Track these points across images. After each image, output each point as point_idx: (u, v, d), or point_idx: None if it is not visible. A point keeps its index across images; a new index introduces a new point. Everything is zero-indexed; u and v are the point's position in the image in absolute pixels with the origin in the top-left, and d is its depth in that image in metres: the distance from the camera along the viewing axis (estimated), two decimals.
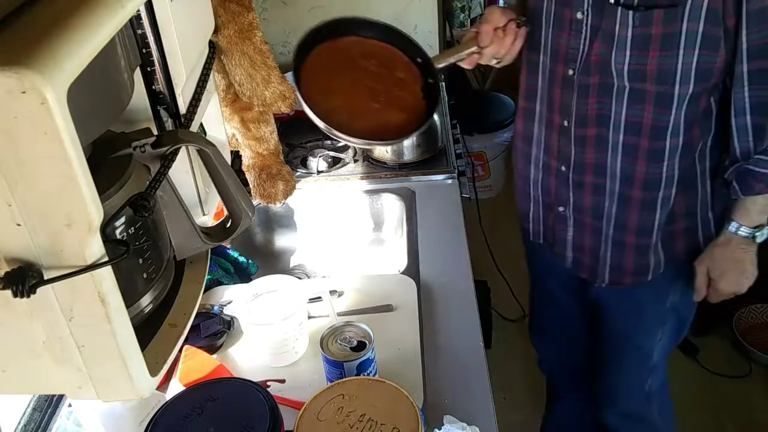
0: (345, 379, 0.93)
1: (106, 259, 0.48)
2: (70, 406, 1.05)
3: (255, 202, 1.50)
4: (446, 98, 1.96)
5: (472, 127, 2.92)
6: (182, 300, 0.68)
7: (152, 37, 0.68)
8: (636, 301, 1.31)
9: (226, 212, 0.73)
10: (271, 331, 1.10)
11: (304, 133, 1.76)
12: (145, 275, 0.61)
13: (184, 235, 0.67)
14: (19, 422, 0.99)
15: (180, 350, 1.06)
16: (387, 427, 0.84)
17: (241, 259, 1.39)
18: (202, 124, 0.96)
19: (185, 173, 0.79)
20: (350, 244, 1.61)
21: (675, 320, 1.35)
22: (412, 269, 1.32)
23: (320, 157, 1.67)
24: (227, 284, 1.33)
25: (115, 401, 0.94)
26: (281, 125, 1.49)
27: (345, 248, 1.60)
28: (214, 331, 1.17)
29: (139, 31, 0.67)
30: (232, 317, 1.21)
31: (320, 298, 1.22)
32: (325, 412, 0.87)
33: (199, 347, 1.13)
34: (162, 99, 0.72)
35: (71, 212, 0.46)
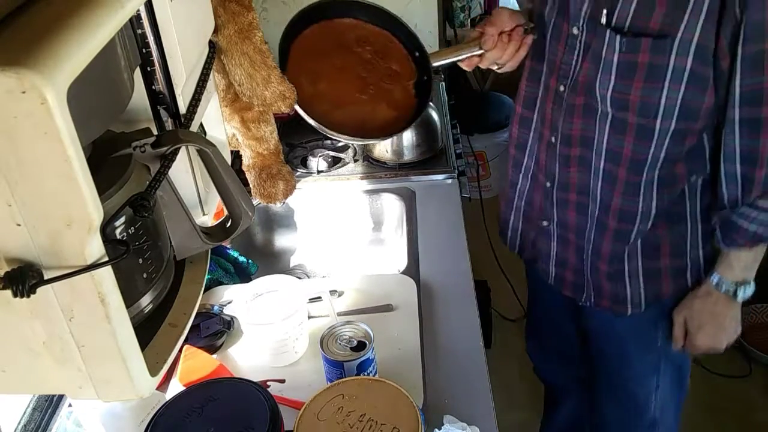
0: (345, 379, 0.93)
1: (106, 259, 0.48)
2: (70, 406, 1.05)
3: (255, 201, 1.50)
4: (446, 98, 1.96)
5: (472, 127, 2.92)
6: (182, 300, 0.68)
7: (152, 37, 0.68)
8: (621, 336, 1.27)
9: (226, 212, 0.73)
10: (271, 331, 1.10)
11: (304, 133, 1.76)
12: (145, 275, 0.61)
13: (184, 235, 0.67)
14: (19, 422, 0.99)
15: (180, 350, 1.06)
16: (387, 427, 0.84)
17: (241, 259, 1.39)
18: (202, 124, 0.96)
19: (185, 173, 0.79)
20: (350, 244, 1.61)
21: (671, 368, 1.28)
22: (412, 269, 1.32)
23: (320, 156, 1.67)
24: (227, 284, 1.33)
25: (115, 401, 0.94)
26: (281, 125, 1.48)
27: (345, 248, 1.60)
28: (214, 331, 1.17)
29: (139, 31, 0.67)
30: (232, 317, 1.21)
31: (320, 298, 1.22)
32: (325, 412, 0.87)
33: (199, 347, 1.13)
34: (162, 99, 0.72)
35: (71, 212, 0.46)
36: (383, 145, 1.64)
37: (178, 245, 0.68)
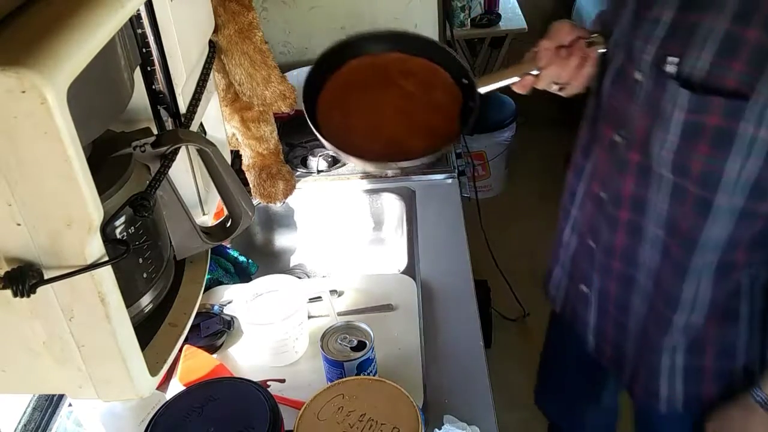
0: (345, 379, 0.93)
1: (106, 258, 0.48)
2: (70, 405, 1.05)
3: (255, 201, 1.50)
4: None
5: (473, 127, 2.92)
6: (182, 300, 0.68)
7: (152, 37, 0.68)
8: (652, 425, 1.13)
9: (226, 212, 0.73)
10: (271, 330, 1.10)
11: (304, 133, 1.75)
12: (145, 275, 0.61)
13: (184, 235, 0.67)
14: (20, 422, 0.99)
15: (180, 350, 1.06)
16: (387, 427, 0.84)
17: (241, 258, 1.39)
18: (202, 124, 0.96)
19: (185, 173, 0.79)
20: (350, 243, 1.61)
21: None
22: (412, 269, 1.32)
23: (320, 156, 1.67)
24: (227, 284, 1.33)
25: (115, 401, 0.94)
26: (281, 125, 1.49)
27: (345, 248, 1.60)
28: (214, 330, 1.17)
29: (139, 31, 0.67)
30: (232, 317, 1.21)
31: (320, 297, 1.22)
32: (325, 411, 0.87)
33: (199, 347, 1.13)
34: (162, 99, 0.72)
35: (71, 212, 0.46)
36: None
37: (178, 245, 0.68)
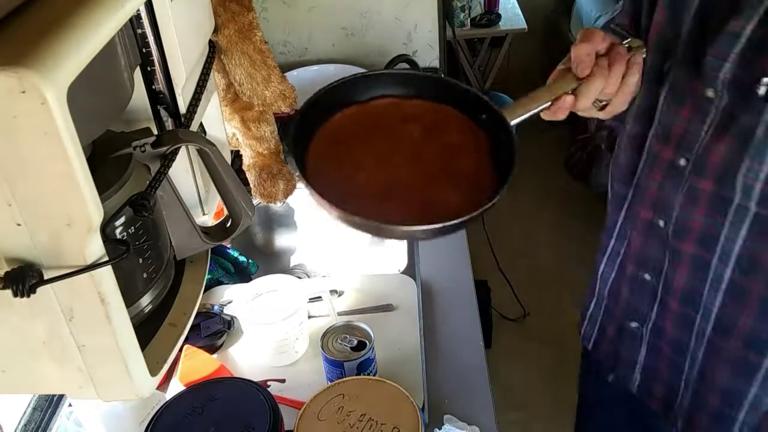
0: (345, 379, 0.93)
1: (106, 258, 0.48)
2: (70, 405, 1.05)
3: (255, 201, 1.49)
4: None
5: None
6: (182, 300, 0.68)
7: (152, 37, 0.68)
8: None
9: (226, 212, 0.73)
10: (271, 330, 1.10)
11: None
12: (145, 275, 0.61)
13: (184, 235, 0.67)
14: (20, 422, 0.99)
15: (180, 350, 1.06)
16: (387, 427, 0.84)
17: (242, 258, 1.39)
18: (202, 124, 0.96)
19: (185, 173, 0.78)
20: (350, 243, 1.61)
21: None
22: (412, 269, 1.32)
23: None
24: (227, 284, 1.33)
25: (115, 401, 0.94)
26: (281, 125, 1.48)
27: (345, 248, 1.60)
28: (214, 330, 1.17)
29: (139, 31, 0.67)
30: (232, 317, 1.21)
31: (320, 297, 1.22)
32: (325, 411, 0.87)
33: (199, 347, 1.13)
34: (162, 99, 0.72)
35: (71, 212, 0.45)
36: None
37: (178, 245, 0.68)
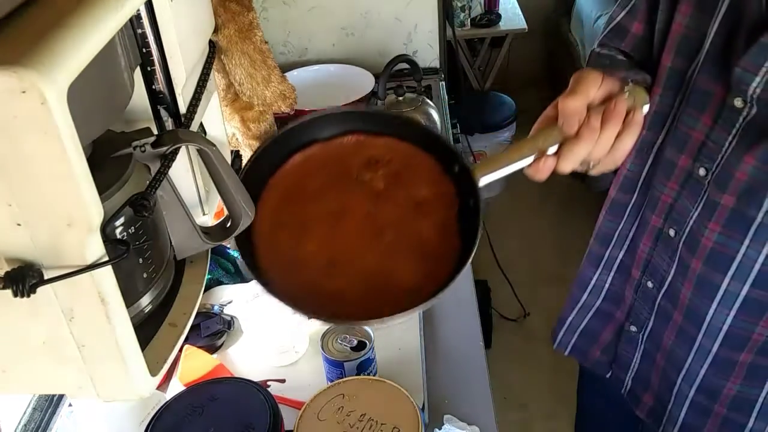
0: (345, 379, 0.93)
1: (106, 258, 0.48)
2: (70, 406, 1.05)
3: None
4: (446, 98, 1.96)
5: (473, 126, 2.92)
6: (182, 300, 0.68)
7: (152, 37, 0.68)
8: None
9: (226, 212, 0.73)
10: (271, 330, 1.10)
11: None
12: (145, 275, 0.61)
13: (184, 235, 0.67)
14: (20, 422, 0.99)
15: (180, 350, 1.06)
16: (387, 427, 0.84)
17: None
18: (202, 124, 0.96)
19: (185, 173, 0.78)
20: None
21: None
22: None
23: None
24: (227, 284, 1.33)
25: (115, 401, 0.94)
26: (281, 125, 1.49)
27: None
28: (214, 330, 1.17)
29: (139, 31, 0.66)
30: (232, 317, 1.21)
31: None
32: (325, 411, 0.87)
33: (199, 347, 1.13)
34: (162, 99, 0.72)
35: (71, 212, 0.45)
36: None
37: (178, 245, 0.68)
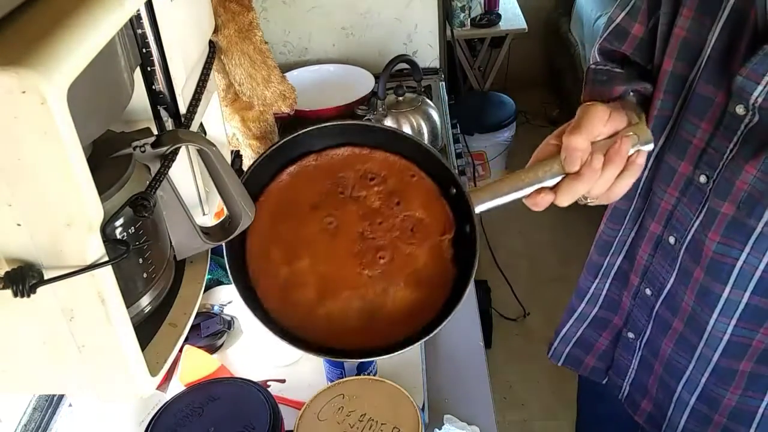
0: (345, 379, 0.93)
1: (106, 259, 0.48)
2: (70, 406, 1.05)
3: None
4: (446, 98, 1.96)
5: (473, 126, 2.92)
6: (182, 300, 0.68)
7: (152, 37, 0.68)
8: None
9: (226, 212, 0.73)
10: None
11: None
12: (145, 275, 0.61)
13: (184, 235, 0.67)
14: (20, 422, 0.99)
15: (180, 350, 1.06)
16: (387, 427, 0.84)
17: None
18: (202, 124, 0.96)
19: (185, 173, 0.78)
20: None
21: None
22: None
23: None
24: (227, 284, 1.33)
25: (115, 401, 0.94)
26: (281, 125, 1.49)
27: None
28: (214, 331, 1.17)
29: (139, 31, 0.67)
30: (233, 317, 1.21)
31: None
32: (325, 411, 0.87)
33: (200, 347, 1.13)
34: (162, 99, 0.72)
35: (71, 212, 0.45)
36: None
37: (178, 245, 0.68)
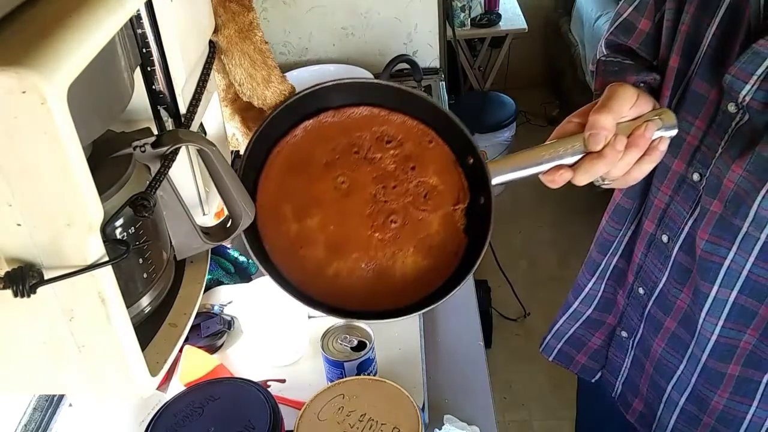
0: (345, 379, 0.93)
1: (106, 259, 0.48)
2: (70, 405, 1.05)
3: None
4: (446, 98, 1.96)
5: (472, 126, 2.93)
6: (182, 300, 0.68)
7: (152, 37, 0.68)
8: None
9: (226, 212, 0.73)
10: (272, 330, 1.10)
11: None
12: (145, 275, 0.61)
13: (184, 235, 0.67)
14: (20, 422, 0.99)
15: (180, 350, 1.06)
16: (387, 427, 0.84)
17: (242, 258, 1.39)
18: (202, 124, 0.96)
19: (185, 173, 0.78)
20: None
21: None
22: None
23: None
24: (227, 284, 1.33)
25: (115, 401, 0.94)
26: None
27: None
28: (214, 331, 1.17)
29: (139, 31, 0.67)
30: (233, 317, 1.21)
31: None
32: (325, 411, 0.87)
33: (199, 347, 1.13)
34: (162, 99, 0.72)
35: (71, 212, 0.45)
36: None
37: (178, 245, 0.68)
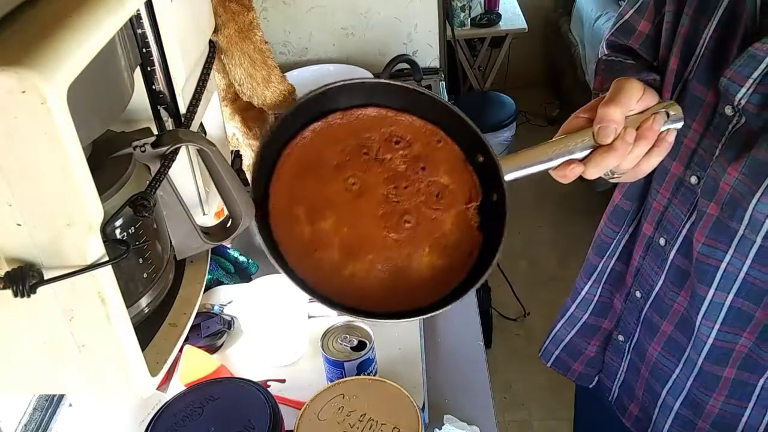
0: (345, 379, 0.93)
1: (106, 259, 0.48)
2: (70, 405, 1.05)
3: None
4: (446, 98, 1.96)
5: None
6: (182, 300, 0.68)
7: (152, 37, 0.68)
8: None
9: (226, 212, 0.73)
10: (272, 330, 1.10)
11: None
12: (145, 275, 0.61)
13: (184, 235, 0.67)
14: (20, 422, 0.99)
15: (180, 350, 1.06)
16: (387, 427, 0.84)
17: (242, 258, 1.39)
18: (202, 124, 0.96)
19: (185, 173, 0.78)
20: None
21: None
22: None
23: None
24: (227, 284, 1.33)
25: (115, 401, 0.94)
26: None
27: None
28: (214, 331, 1.17)
29: (139, 31, 0.67)
30: (233, 317, 1.21)
31: None
32: (325, 411, 0.87)
33: (200, 347, 1.13)
34: (162, 99, 0.72)
35: (71, 212, 0.45)
36: None
37: (178, 245, 0.68)
